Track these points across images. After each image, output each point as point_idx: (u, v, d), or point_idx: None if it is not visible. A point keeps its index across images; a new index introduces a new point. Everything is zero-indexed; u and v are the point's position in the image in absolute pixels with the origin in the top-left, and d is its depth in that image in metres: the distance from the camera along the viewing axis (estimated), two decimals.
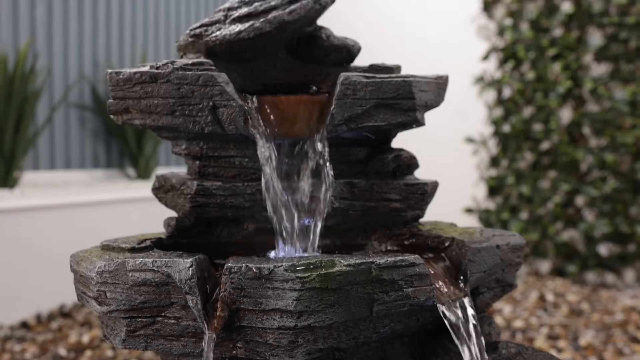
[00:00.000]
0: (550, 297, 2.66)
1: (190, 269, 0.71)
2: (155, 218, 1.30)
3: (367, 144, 0.93)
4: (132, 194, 2.81)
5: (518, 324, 2.26)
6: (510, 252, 0.87)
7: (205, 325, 0.71)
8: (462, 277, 0.82)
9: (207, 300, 0.73)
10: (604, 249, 3.07)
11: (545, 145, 3.21)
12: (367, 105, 0.83)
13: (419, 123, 0.87)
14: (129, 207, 2.74)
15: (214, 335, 0.72)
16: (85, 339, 2.12)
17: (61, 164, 3.15)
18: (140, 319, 0.76)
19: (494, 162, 3.37)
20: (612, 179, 3.02)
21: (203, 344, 0.73)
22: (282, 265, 0.68)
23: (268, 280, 0.69)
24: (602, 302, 2.58)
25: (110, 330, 0.80)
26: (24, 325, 2.28)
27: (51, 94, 3.09)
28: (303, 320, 0.68)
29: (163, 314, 0.75)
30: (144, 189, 2.99)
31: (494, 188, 3.31)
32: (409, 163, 0.93)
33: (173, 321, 0.75)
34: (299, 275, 0.68)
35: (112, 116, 0.87)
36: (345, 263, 0.70)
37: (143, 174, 3.28)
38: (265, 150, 0.81)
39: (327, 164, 0.83)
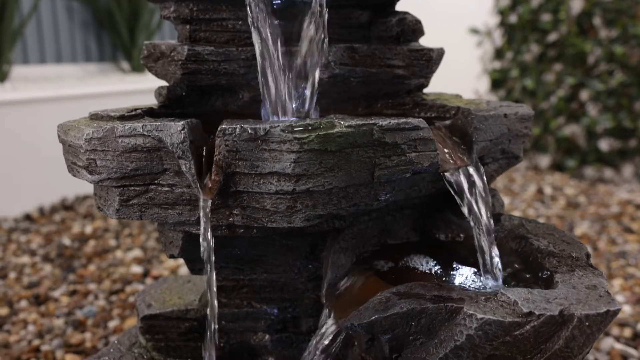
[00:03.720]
0: (548, 190, 2.67)
1: (182, 132, 0.67)
2: None
3: (369, 7, 0.86)
4: (126, 86, 2.74)
5: (515, 214, 2.28)
6: (517, 122, 0.84)
7: (200, 191, 0.69)
8: (467, 146, 0.78)
9: (201, 167, 0.70)
10: (604, 144, 3.05)
11: (552, 37, 3.09)
12: None
13: None
14: (124, 100, 2.66)
15: (209, 201, 0.69)
16: (88, 229, 2.15)
17: (52, 57, 3.05)
18: (133, 188, 0.73)
19: (499, 54, 3.26)
20: (619, 72, 2.93)
21: (198, 210, 0.71)
22: (278, 126, 0.64)
23: (264, 141, 0.65)
24: (599, 196, 2.59)
25: (103, 201, 0.78)
26: (28, 217, 2.31)
27: None
28: (301, 184, 0.66)
29: (156, 182, 0.72)
30: (138, 82, 2.91)
31: (497, 81, 3.23)
32: (414, 28, 0.86)
33: (167, 189, 0.72)
34: (296, 136, 0.64)
35: None
36: (346, 124, 0.66)
37: (137, 67, 3.18)
38: (258, 11, 0.75)
39: (325, 26, 0.77)
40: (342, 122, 0.66)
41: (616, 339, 1.33)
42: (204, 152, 0.70)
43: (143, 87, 2.68)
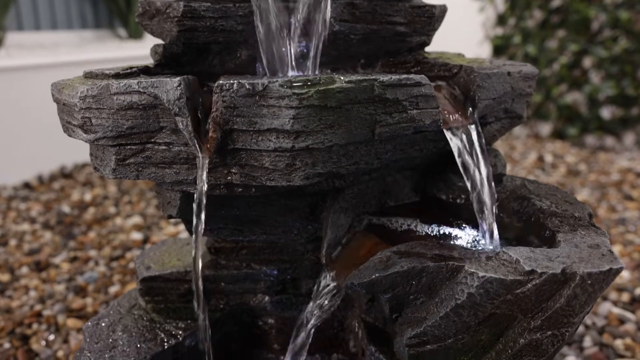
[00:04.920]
0: (549, 158, 2.65)
1: (179, 88, 0.66)
2: None
3: None
4: (124, 53, 2.70)
5: None
6: (521, 81, 0.82)
7: (198, 148, 0.67)
8: (470, 105, 0.77)
9: (199, 124, 0.69)
10: (606, 112, 3.02)
11: (556, 2, 3.04)
12: None
13: None
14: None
15: (207, 159, 0.68)
16: (88, 197, 2.14)
17: (47, 24, 3.00)
18: (129, 147, 0.72)
19: (501, 20, 3.21)
20: (623, 38, 2.89)
21: (196, 169, 0.70)
22: (277, 81, 0.63)
23: (262, 97, 0.63)
24: (599, 164, 2.58)
25: (99, 161, 0.77)
26: (27, 185, 2.30)
27: None
28: (301, 141, 0.64)
29: (153, 140, 0.71)
30: (136, 48, 2.87)
31: (500, 47, 3.19)
32: None
33: (164, 147, 0.71)
34: (295, 91, 0.62)
35: None
36: (346, 80, 0.64)
37: (134, 34, 3.13)
38: None
39: None
40: (342, 78, 0.65)
41: (614, 303, 1.33)
42: (201, 109, 0.68)
43: (140, 54, 2.64)
